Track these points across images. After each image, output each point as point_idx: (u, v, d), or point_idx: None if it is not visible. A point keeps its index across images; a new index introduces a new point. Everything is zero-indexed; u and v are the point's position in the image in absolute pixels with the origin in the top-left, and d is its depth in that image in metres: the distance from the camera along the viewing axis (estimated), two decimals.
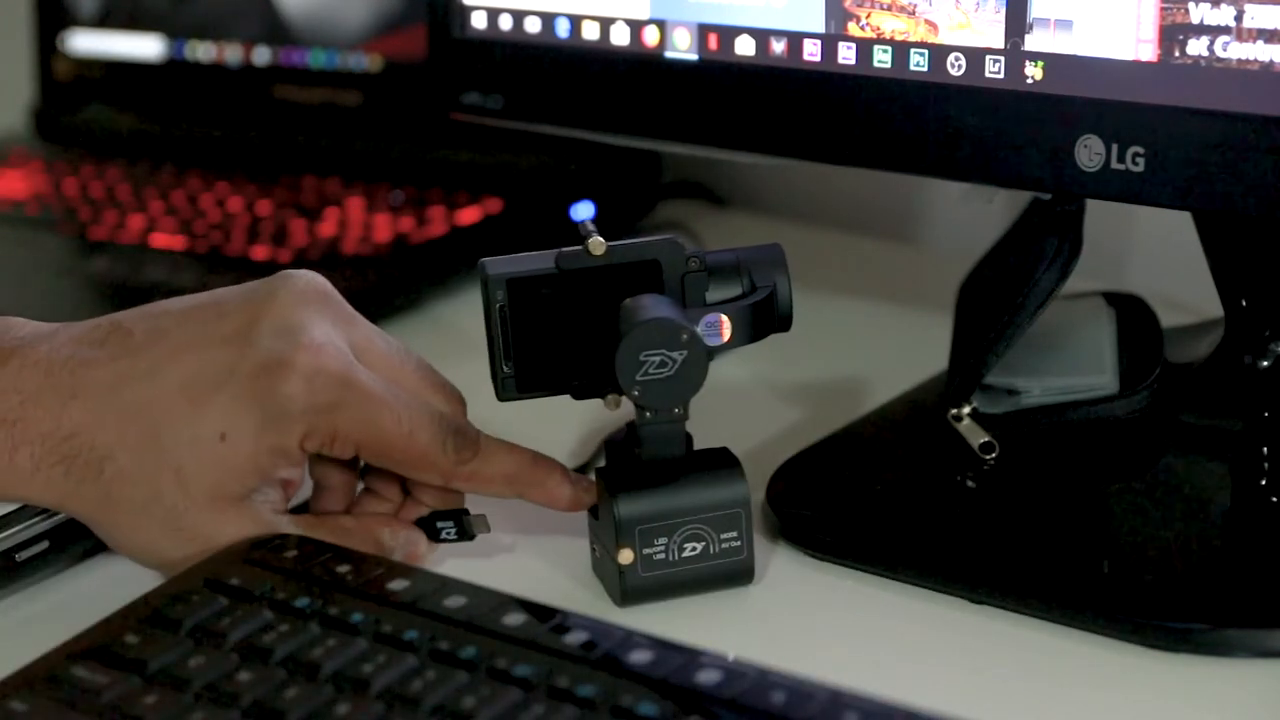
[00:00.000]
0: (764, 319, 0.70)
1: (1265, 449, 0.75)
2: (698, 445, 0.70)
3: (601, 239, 0.69)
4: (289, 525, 0.69)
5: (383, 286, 1.04)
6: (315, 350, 0.68)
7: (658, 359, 0.67)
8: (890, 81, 0.75)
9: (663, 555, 0.69)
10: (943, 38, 0.73)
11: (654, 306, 0.67)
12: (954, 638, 0.68)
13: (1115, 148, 0.69)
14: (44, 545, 0.72)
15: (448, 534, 0.72)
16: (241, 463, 0.68)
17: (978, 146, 0.73)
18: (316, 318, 0.70)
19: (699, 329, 0.68)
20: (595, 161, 1.15)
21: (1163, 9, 0.67)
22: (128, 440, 0.68)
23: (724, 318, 0.69)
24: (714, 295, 0.70)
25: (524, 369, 0.70)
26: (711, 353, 0.68)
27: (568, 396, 0.72)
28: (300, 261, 1.07)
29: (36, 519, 0.72)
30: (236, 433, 0.68)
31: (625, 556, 0.68)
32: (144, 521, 0.68)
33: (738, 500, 0.69)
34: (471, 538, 0.72)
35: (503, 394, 0.71)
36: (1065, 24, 0.70)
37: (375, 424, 0.68)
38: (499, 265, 0.70)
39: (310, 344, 0.68)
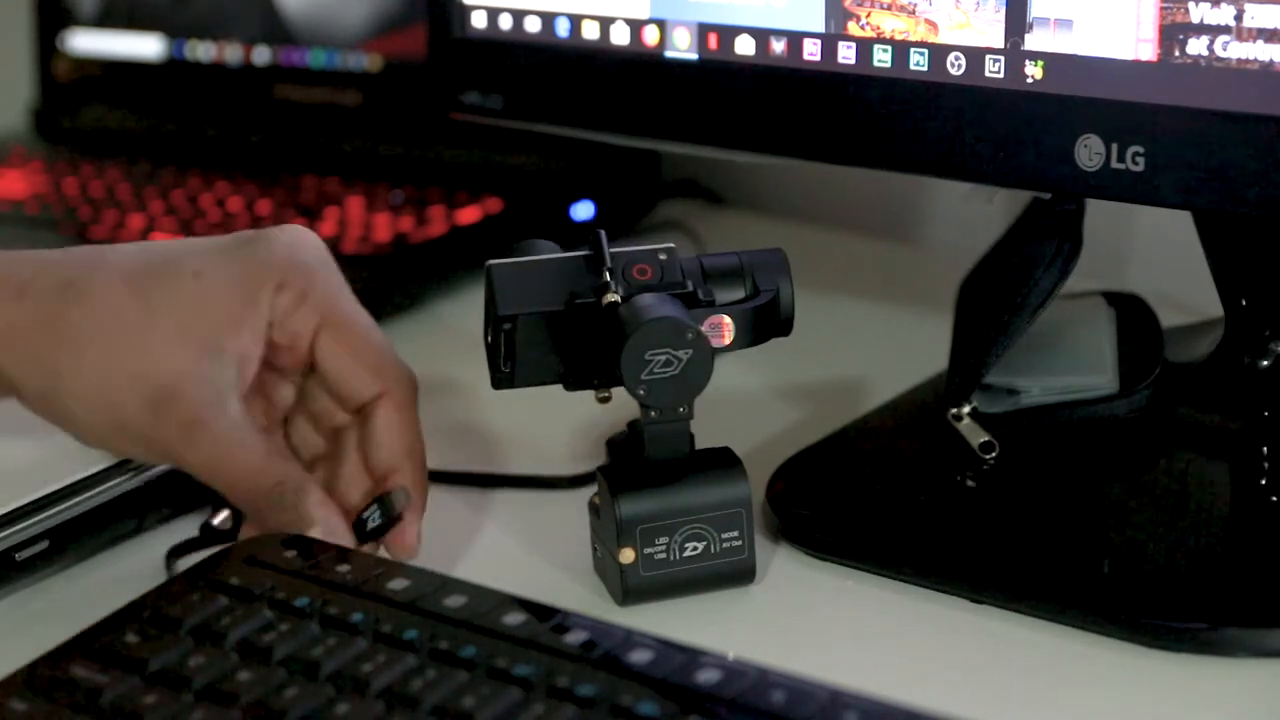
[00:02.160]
0: (766, 322, 0.70)
1: (1265, 449, 0.75)
2: (698, 445, 0.70)
3: (617, 297, 0.68)
4: (252, 437, 0.69)
5: (383, 286, 1.04)
6: (299, 230, 0.71)
7: (663, 358, 0.67)
8: (890, 81, 0.75)
9: (664, 555, 0.69)
10: (943, 37, 0.73)
11: (658, 305, 0.67)
12: (954, 638, 0.68)
13: (1115, 147, 0.69)
14: (44, 545, 0.72)
15: (373, 521, 0.71)
16: (212, 302, 0.68)
17: (977, 146, 0.73)
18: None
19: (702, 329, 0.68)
20: (595, 161, 1.15)
21: (1163, 8, 0.67)
22: (96, 274, 0.68)
23: (726, 319, 0.69)
24: (716, 297, 0.70)
25: (522, 369, 0.70)
26: (715, 352, 0.68)
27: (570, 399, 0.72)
28: None
29: (37, 519, 0.72)
30: (212, 272, 0.68)
31: (626, 556, 0.68)
32: (103, 350, 0.67)
33: (739, 500, 0.69)
34: (398, 517, 0.71)
35: (497, 386, 0.71)
36: (1065, 23, 0.70)
37: (344, 300, 0.70)
38: (507, 288, 0.69)
39: (294, 228, 0.71)
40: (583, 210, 1.14)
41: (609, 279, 0.68)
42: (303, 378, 0.72)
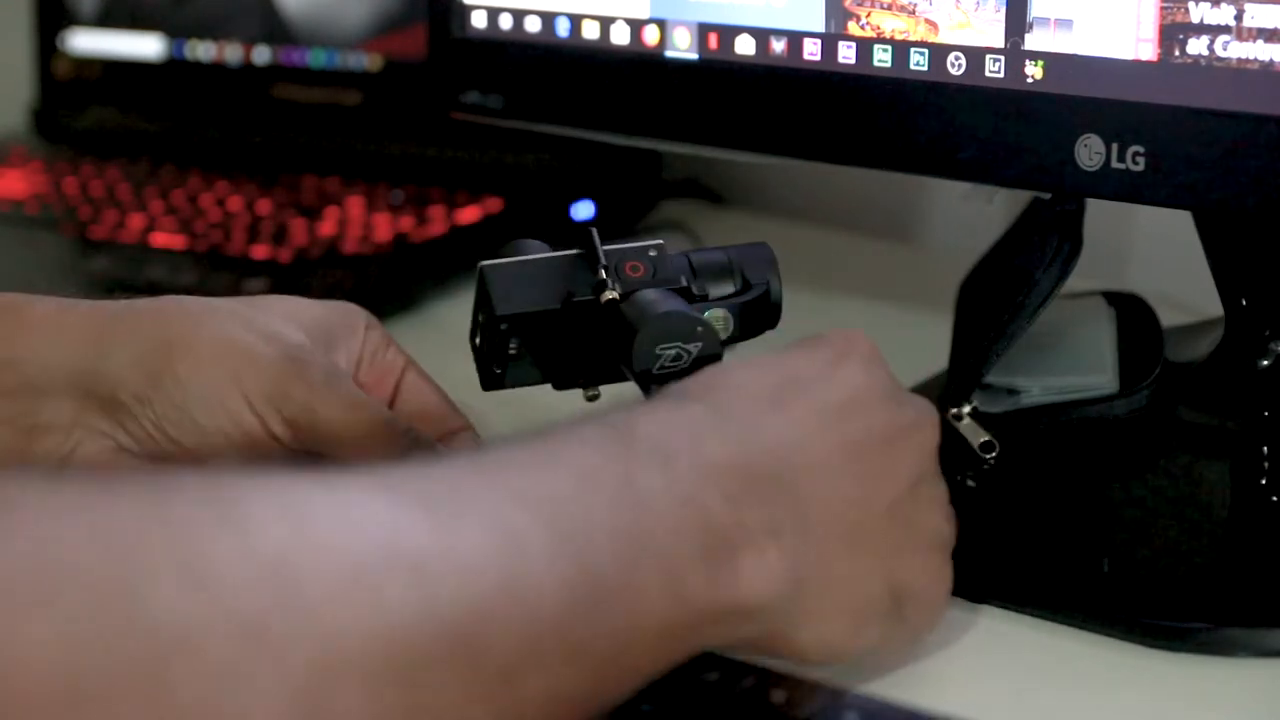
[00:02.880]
0: (758, 316, 0.70)
1: (1265, 449, 0.75)
2: None
3: (615, 294, 0.68)
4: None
5: (383, 286, 1.04)
6: None
7: (673, 352, 0.66)
8: (890, 81, 0.75)
9: None
10: (943, 37, 0.73)
11: (663, 301, 0.67)
12: (954, 638, 0.68)
13: (1115, 147, 0.69)
14: None
15: None
16: (314, 314, 0.70)
17: (978, 146, 0.73)
18: None
19: None
20: (595, 161, 1.15)
21: (1163, 8, 0.67)
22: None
23: (721, 313, 0.69)
24: (709, 292, 0.70)
25: (514, 370, 0.70)
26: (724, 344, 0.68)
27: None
28: (300, 261, 1.07)
29: None
30: (305, 302, 0.71)
31: None
32: (219, 322, 0.68)
33: None
34: None
35: (488, 388, 0.72)
36: (1065, 23, 0.70)
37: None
38: (502, 289, 0.69)
39: None
40: (583, 210, 1.14)
41: (605, 276, 0.68)
42: None
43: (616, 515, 0.51)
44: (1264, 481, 0.75)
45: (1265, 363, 0.76)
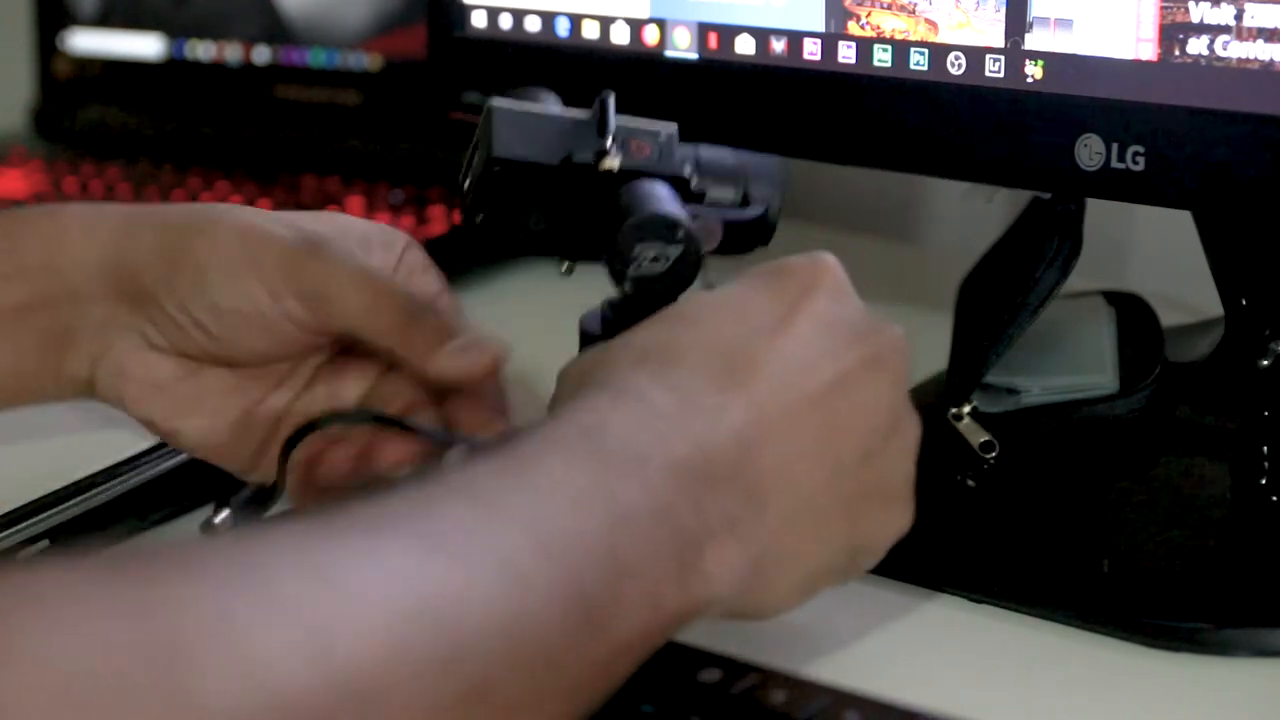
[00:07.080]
0: (750, 235, 0.69)
1: (1265, 449, 0.75)
2: None
3: (614, 165, 0.66)
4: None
5: None
6: None
7: (652, 253, 0.65)
8: (890, 81, 0.75)
9: None
10: (943, 37, 0.73)
11: (656, 197, 0.65)
12: (954, 638, 0.68)
13: (1115, 147, 0.69)
14: (44, 545, 0.72)
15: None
16: (346, 220, 0.70)
17: (978, 146, 0.73)
18: None
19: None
20: None
21: (1163, 8, 0.67)
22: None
23: (715, 228, 0.67)
24: (709, 192, 0.69)
25: (495, 220, 0.69)
26: (703, 252, 0.66)
27: None
28: None
29: (37, 519, 0.72)
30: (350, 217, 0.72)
31: None
32: (237, 219, 0.68)
33: None
34: None
35: (467, 234, 0.70)
36: (1065, 23, 0.70)
37: None
38: (506, 131, 0.68)
39: None
40: None
41: (609, 145, 0.67)
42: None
43: (604, 538, 0.51)
44: (1264, 481, 0.75)
45: (1265, 363, 0.76)
